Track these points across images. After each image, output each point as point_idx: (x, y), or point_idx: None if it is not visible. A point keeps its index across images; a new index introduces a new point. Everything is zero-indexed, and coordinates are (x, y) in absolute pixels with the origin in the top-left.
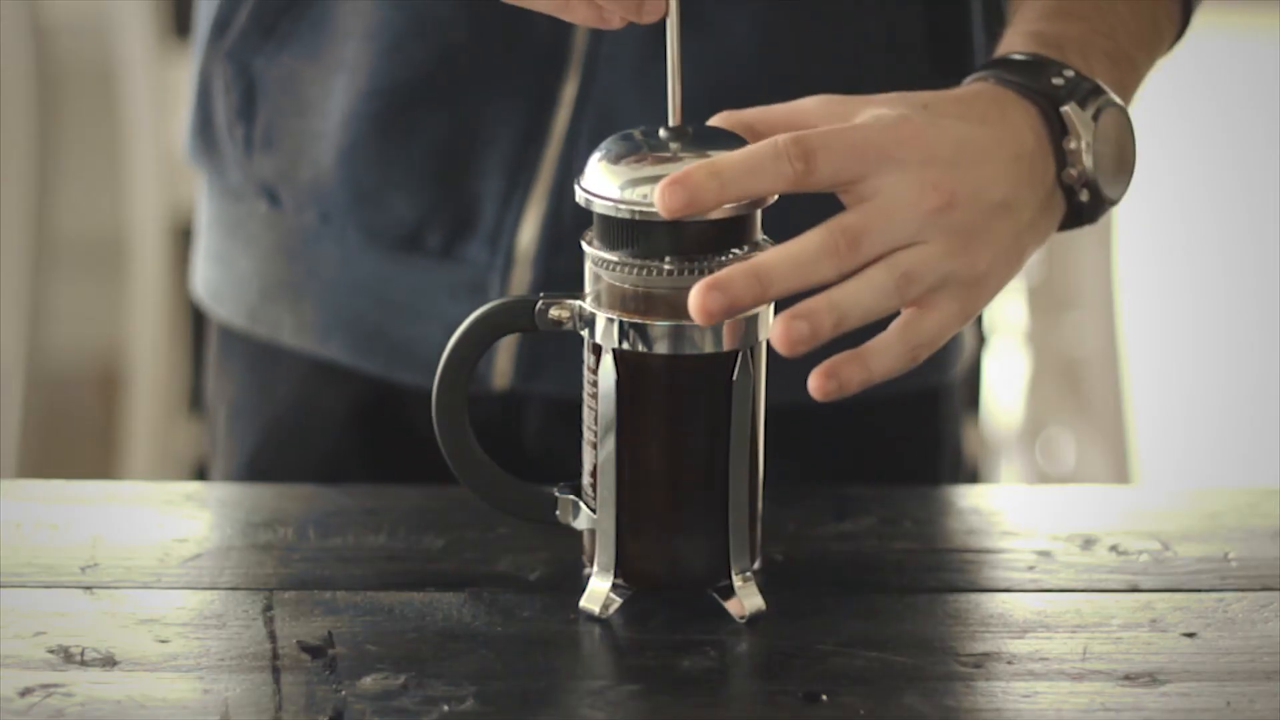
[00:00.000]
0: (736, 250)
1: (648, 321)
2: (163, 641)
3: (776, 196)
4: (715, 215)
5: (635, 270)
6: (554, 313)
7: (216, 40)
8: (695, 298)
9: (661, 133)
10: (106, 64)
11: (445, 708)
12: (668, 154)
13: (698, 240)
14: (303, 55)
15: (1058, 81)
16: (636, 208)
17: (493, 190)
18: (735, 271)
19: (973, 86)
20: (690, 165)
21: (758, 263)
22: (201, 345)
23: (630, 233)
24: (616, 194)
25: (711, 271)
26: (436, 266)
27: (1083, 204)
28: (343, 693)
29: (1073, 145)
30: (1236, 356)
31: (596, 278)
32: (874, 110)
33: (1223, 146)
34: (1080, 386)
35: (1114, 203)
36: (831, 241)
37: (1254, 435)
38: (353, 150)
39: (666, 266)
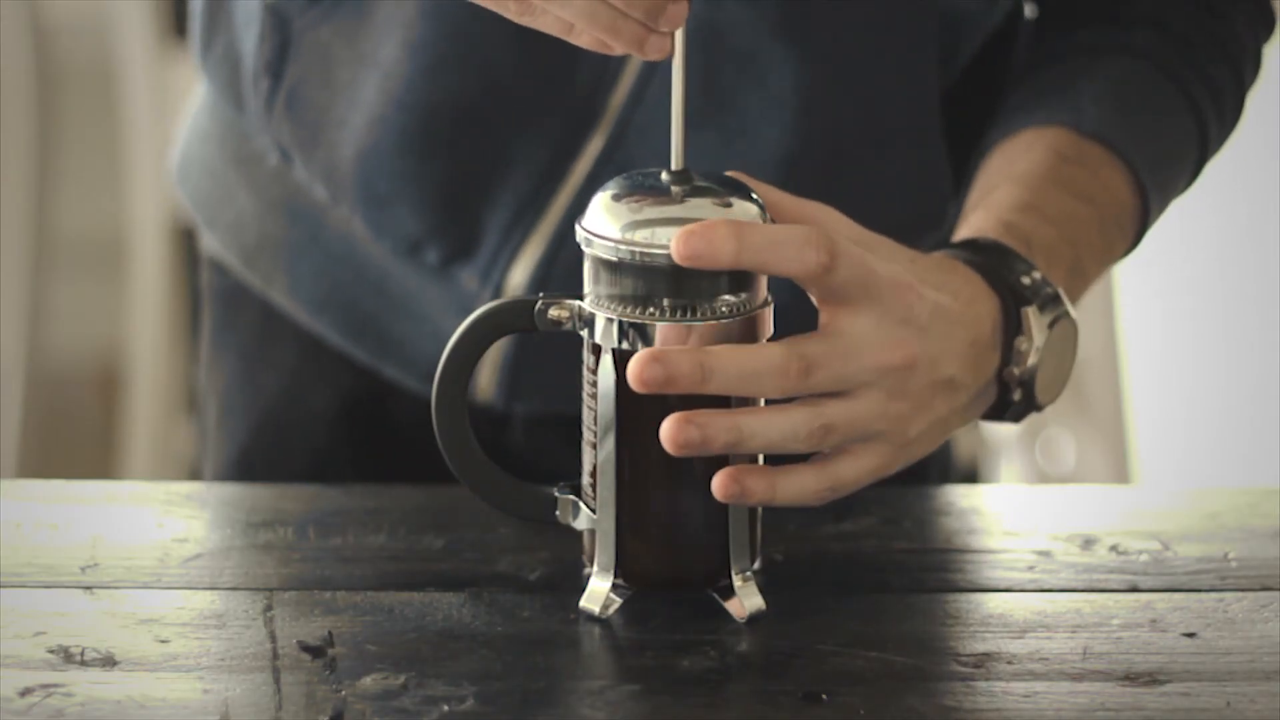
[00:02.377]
0: (732, 296)
1: (648, 322)
2: (163, 641)
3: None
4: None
5: (631, 309)
6: (553, 313)
7: None
8: (634, 365)
9: (664, 176)
10: (106, 64)
11: (445, 708)
12: (670, 197)
13: (695, 287)
14: (340, 35)
15: (1025, 281)
16: (636, 248)
17: (496, 224)
18: (682, 354)
19: (947, 260)
20: (712, 220)
21: (707, 355)
22: (200, 343)
23: (628, 274)
24: (617, 235)
25: (710, 318)
26: (432, 279)
27: (1012, 402)
28: (343, 693)
29: (1023, 346)
30: (1236, 356)
31: (596, 277)
32: (877, 248)
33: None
34: (1080, 386)
35: (1040, 409)
36: (786, 363)
37: (1254, 435)
38: (372, 153)
39: (665, 306)
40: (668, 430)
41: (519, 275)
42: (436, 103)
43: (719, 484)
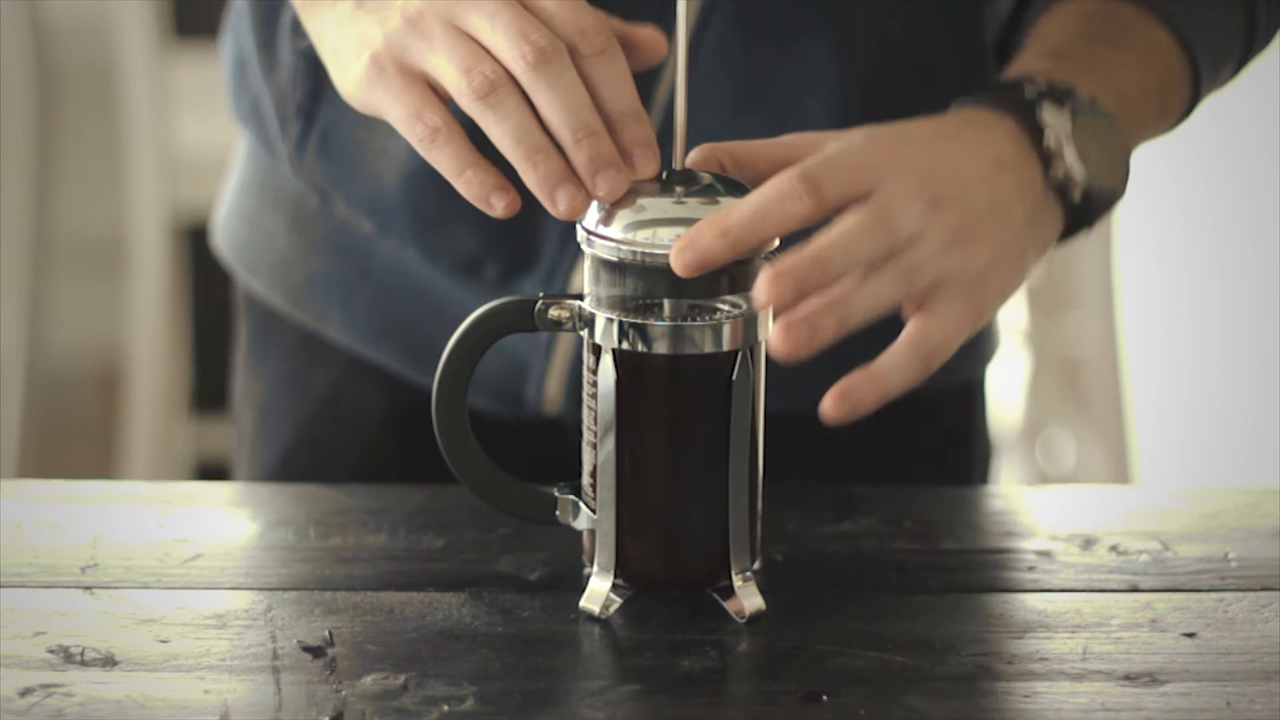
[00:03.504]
0: (733, 296)
1: (648, 322)
2: (163, 641)
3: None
4: None
5: (634, 311)
6: (554, 313)
7: (295, 32)
8: (673, 259)
9: (664, 176)
10: (106, 64)
11: (445, 708)
12: (670, 197)
13: (696, 283)
14: None
15: (1029, 90)
16: (638, 249)
17: (554, 230)
18: (701, 230)
19: (949, 113)
20: (697, 226)
21: (721, 217)
22: (202, 344)
23: (630, 275)
24: (618, 235)
25: (709, 315)
26: (493, 295)
27: (1077, 205)
28: (343, 693)
29: (1050, 144)
30: (1236, 356)
31: (596, 278)
32: (850, 137)
33: (1223, 146)
34: (1080, 386)
35: (1110, 200)
36: (790, 184)
37: (1254, 435)
38: (419, 175)
39: (666, 306)
40: (777, 340)
41: (581, 280)
42: None
43: (829, 408)
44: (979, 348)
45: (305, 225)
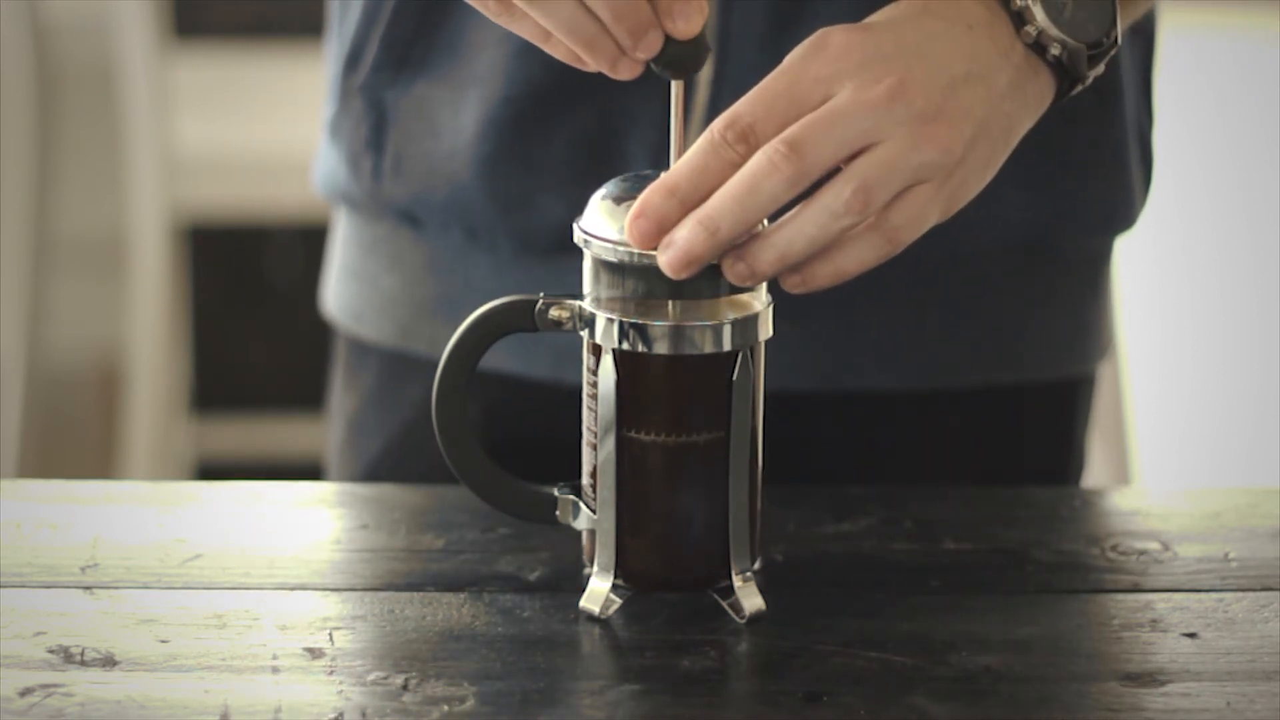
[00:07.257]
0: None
1: (648, 322)
2: (163, 641)
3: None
4: None
5: (634, 311)
6: (554, 313)
7: (349, 74)
8: (627, 232)
9: (662, 176)
10: (106, 64)
11: (445, 708)
12: None
13: (695, 286)
14: (435, 79)
15: None
16: (635, 249)
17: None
18: (650, 193)
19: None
20: (676, 228)
21: (665, 179)
22: (202, 344)
23: (630, 275)
24: (616, 236)
25: (711, 318)
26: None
27: (1060, 61)
28: (343, 693)
29: (1019, 2)
30: (1236, 356)
31: (596, 278)
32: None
33: (1223, 146)
34: None
35: (1095, 51)
36: (710, 133)
37: (1254, 435)
38: (493, 160)
39: (666, 306)
40: (723, 271)
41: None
42: (538, 81)
43: (788, 285)
44: (1082, 337)
45: (403, 257)
